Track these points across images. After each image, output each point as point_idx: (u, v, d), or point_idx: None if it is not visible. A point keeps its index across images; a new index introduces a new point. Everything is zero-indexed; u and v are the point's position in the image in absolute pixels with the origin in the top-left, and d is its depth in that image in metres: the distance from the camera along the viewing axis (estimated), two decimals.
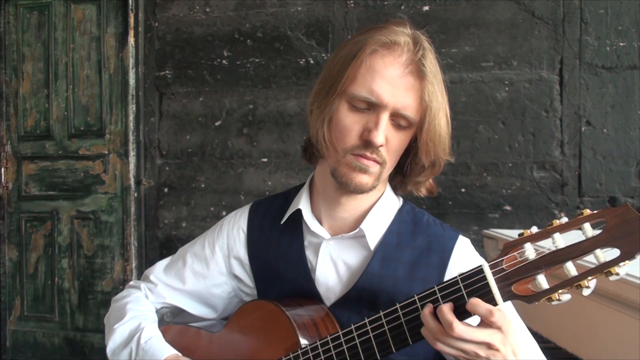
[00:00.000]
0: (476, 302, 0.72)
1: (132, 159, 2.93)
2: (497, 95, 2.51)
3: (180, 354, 0.97)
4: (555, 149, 2.46)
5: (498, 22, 2.51)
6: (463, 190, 2.55)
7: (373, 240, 0.95)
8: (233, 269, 1.07)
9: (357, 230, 0.95)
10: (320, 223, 1.00)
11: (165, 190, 2.91)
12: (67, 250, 3.03)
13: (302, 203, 1.00)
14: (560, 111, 2.46)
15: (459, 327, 0.72)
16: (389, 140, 0.89)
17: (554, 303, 0.72)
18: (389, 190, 1.01)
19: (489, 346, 0.72)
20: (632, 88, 2.41)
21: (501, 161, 2.51)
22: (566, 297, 0.71)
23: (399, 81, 0.86)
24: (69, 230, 3.03)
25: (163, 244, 2.88)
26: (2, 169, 3.13)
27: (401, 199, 1.04)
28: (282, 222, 1.03)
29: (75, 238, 3.02)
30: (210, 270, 1.07)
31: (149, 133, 2.93)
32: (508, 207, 2.50)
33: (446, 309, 0.73)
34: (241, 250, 1.06)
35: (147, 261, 2.92)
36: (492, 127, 2.52)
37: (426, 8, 2.58)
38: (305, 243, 1.00)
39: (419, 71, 0.87)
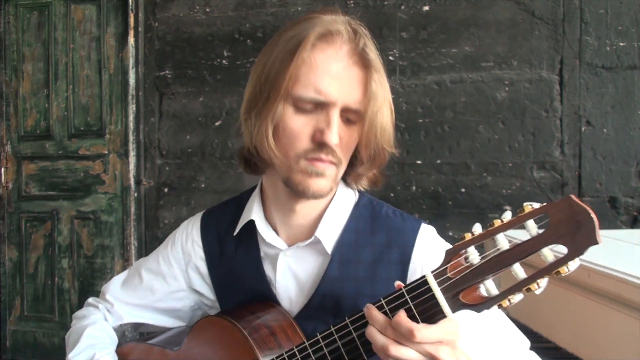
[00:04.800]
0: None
1: (132, 159, 2.93)
2: (497, 95, 2.51)
3: None
4: (555, 149, 2.46)
5: (498, 22, 2.51)
6: (463, 190, 2.55)
7: (330, 244, 0.90)
8: (192, 284, 1.02)
9: (313, 238, 0.89)
10: (276, 231, 0.94)
11: (165, 190, 2.91)
12: (67, 250, 3.03)
13: (255, 213, 0.94)
14: (560, 111, 2.46)
15: (403, 325, 0.67)
16: (342, 138, 0.83)
17: (505, 305, 0.67)
18: (341, 186, 0.94)
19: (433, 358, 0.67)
20: (632, 88, 2.41)
21: (501, 161, 2.51)
22: (518, 297, 0.66)
23: (345, 74, 0.81)
24: (69, 230, 3.03)
25: None
26: (2, 169, 3.13)
27: (357, 192, 0.97)
28: (234, 234, 0.96)
29: (75, 238, 3.02)
30: (170, 286, 1.02)
31: (149, 133, 2.93)
32: (508, 207, 2.50)
33: (378, 313, 0.70)
34: (199, 263, 1.01)
35: None
36: (492, 127, 2.52)
37: (426, 8, 2.58)
38: (262, 254, 0.95)
39: (363, 60, 0.82)
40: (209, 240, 1.00)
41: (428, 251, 0.88)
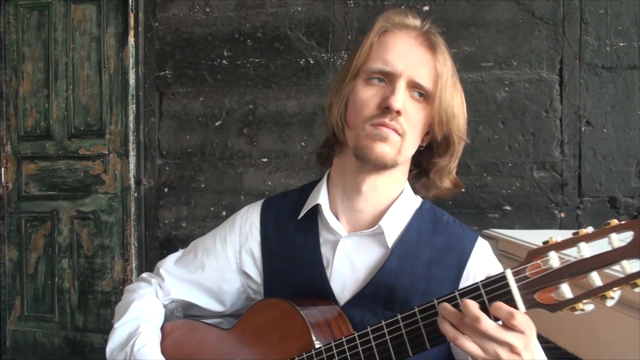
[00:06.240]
0: (499, 305, 0.71)
1: (132, 159, 2.93)
2: (497, 95, 2.51)
3: None
4: (555, 149, 2.46)
5: (498, 22, 2.51)
6: (463, 190, 2.55)
7: (391, 238, 0.94)
8: (243, 265, 1.05)
9: (376, 227, 0.93)
10: (338, 219, 0.98)
11: (165, 190, 2.91)
12: (67, 250, 3.03)
13: (322, 198, 0.98)
14: (560, 111, 2.46)
15: (486, 322, 0.70)
16: (407, 110, 0.89)
17: (576, 313, 0.70)
18: (408, 188, 1.01)
19: (511, 349, 0.70)
20: (632, 88, 2.41)
21: (501, 161, 2.51)
22: (589, 307, 0.70)
23: (411, 50, 0.90)
24: (69, 230, 3.03)
25: (163, 244, 2.88)
26: (2, 169, 3.13)
27: (420, 198, 1.03)
28: (299, 217, 1.01)
29: (75, 238, 3.02)
30: (220, 265, 1.05)
31: (149, 133, 2.93)
32: (508, 207, 2.50)
33: (473, 302, 0.72)
34: (254, 246, 1.04)
35: (147, 261, 2.92)
36: (492, 127, 2.52)
37: (426, 8, 2.58)
38: (321, 240, 0.98)
39: (429, 42, 0.91)
40: (268, 225, 1.04)
41: (483, 261, 0.94)
